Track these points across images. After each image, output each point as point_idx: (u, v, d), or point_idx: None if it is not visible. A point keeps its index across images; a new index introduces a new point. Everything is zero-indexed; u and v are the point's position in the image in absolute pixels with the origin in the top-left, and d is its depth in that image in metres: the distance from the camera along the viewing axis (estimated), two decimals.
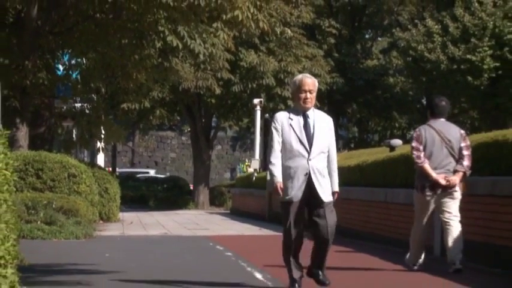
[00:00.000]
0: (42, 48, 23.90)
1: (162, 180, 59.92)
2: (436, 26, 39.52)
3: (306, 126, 9.31)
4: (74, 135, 31.73)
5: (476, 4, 38.56)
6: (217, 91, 41.86)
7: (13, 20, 23.06)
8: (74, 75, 27.68)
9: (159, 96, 40.97)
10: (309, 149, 9.22)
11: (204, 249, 16.89)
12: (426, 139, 11.70)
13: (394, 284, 10.72)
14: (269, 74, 43.86)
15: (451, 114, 52.23)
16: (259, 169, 42.20)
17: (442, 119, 11.99)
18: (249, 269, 12.39)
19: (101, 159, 47.22)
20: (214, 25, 20.93)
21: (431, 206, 11.82)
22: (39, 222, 19.22)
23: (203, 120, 49.30)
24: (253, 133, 45.80)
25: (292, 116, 9.40)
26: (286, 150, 9.29)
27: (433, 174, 11.53)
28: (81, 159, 31.79)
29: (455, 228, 11.77)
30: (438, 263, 13.43)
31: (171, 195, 51.37)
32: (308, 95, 9.34)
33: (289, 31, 34.66)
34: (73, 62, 27.30)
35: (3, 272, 6.21)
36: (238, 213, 37.58)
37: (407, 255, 12.29)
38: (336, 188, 9.43)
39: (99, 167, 32.66)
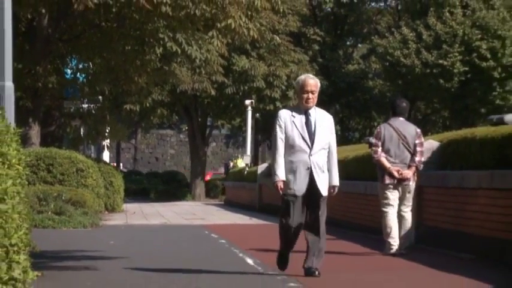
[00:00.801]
0: (52, 54, 23.88)
1: (161, 175, 59.96)
2: (411, 34, 39.59)
3: (308, 123, 9.12)
4: (81, 133, 31.72)
5: (447, 14, 38.64)
6: (212, 93, 41.86)
7: (26, 29, 23.04)
8: (81, 79, 27.69)
9: (159, 97, 40.98)
10: (310, 145, 9.04)
11: (200, 237, 16.89)
12: (385, 136, 12.22)
13: (373, 267, 10.73)
14: (259, 77, 43.92)
15: (424, 113, 52.47)
16: (250, 164, 42.29)
17: (402, 118, 12.49)
18: (240, 255, 12.38)
19: (106, 155, 47.23)
20: (210, 33, 20.89)
21: (393, 194, 12.20)
22: (49, 213, 19.24)
23: (199, 119, 49.33)
24: (245, 131, 45.93)
25: (294, 113, 9.20)
26: (288, 146, 9.10)
27: (388, 166, 12.07)
28: (88, 155, 31.76)
29: (407, 221, 12.35)
30: (412, 249, 13.45)
31: (170, 188, 51.39)
32: (310, 95, 9.13)
33: (277, 38, 34.71)
34: (80, 66, 27.31)
35: (16, 258, 6.20)
36: (231, 204, 37.58)
37: (387, 242, 12.28)
38: (336, 182, 9.22)
39: (105, 163, 32.64)
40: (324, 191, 9.05)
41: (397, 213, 12.27)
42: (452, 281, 9.19)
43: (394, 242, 12.13)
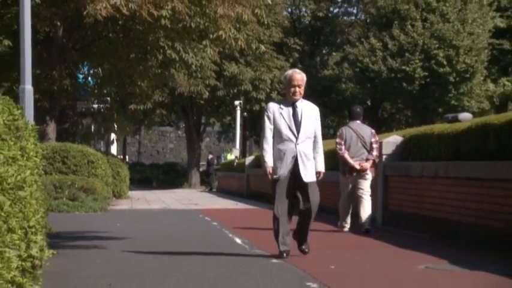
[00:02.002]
0: (66, 61, 23.79)
1: (162, 166, 59.93)
2: (378, 44, 39.60)
3: (295, 115, 8.78)
4: (92, 130, 31.63)
5: (409, 26, 38.66)
6: (206, 95, 41.85)
7: (43, 38, 22.93)
8: (91, 82, 27.63)
9: (160, 99, 40.95)
10: (296, 134, 8.72)
11: (195, 220, 16.89)
12: (346, 136, 12.93)
13: (346, 244, 10.74)
14: (247, 81, 43.97)
15: (389, 112, 52.35)
16: (239, 156, 42.28)
17: (358, 121, 13.19)
18: (230, 235, 12.38)
19: (114, 149, 47.09)
20: (203, 42, 20.82)
21: (350, 185, 12.89)
22: (64, 199, 19.20)
23: (195, 117, 49.30)
24: (234, 128, 45.94)
25: (282, 106, 8.89)
26: (277, 135, 8.77)
27: (351, 161, 12.71)
28: (98, 149, 31.73)
29: (366, 201, 12.86)
30: (379, 230, 13.48)
31: (169, 177, 51.37)
32: (297, 88, 8.85)
33: (262, 47, 34.46)
34: (91, 71, 27.24)
35: (34, 238, 6.18)
36: (222, 191, 37.59)
37: (339, 222, 13.10)
38: (320, 168, 8.96)
39: (113, 155, 32.68)
40: (307, 177, 8.72)
41: (358, 198, 12.89)
42: (413, 257, 9.21)
43: (346, 222, 12.95)
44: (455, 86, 39.28)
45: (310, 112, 8.92)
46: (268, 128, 8.82)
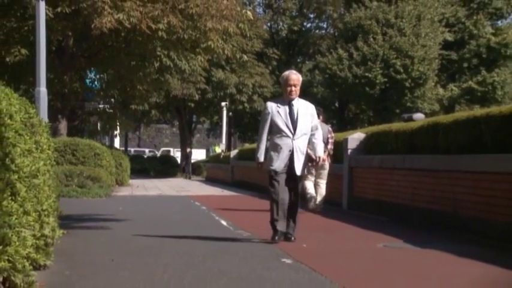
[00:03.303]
0: (76, 67, 23.73)
1: (159, 158, 59.74)
2: (345, 54, 39.67)
3: (291, 113, 8.24)
4: (98, 127, 31.57)
5: (372, 39, 38.75)
6: (196, 97, 41.85)
7: (56, 48, 22.83)
8: (97, 86, 27.55)
9: (157, 100, 40.87)
10: (293, 131, 8.18)
11: (186, 205, 16.86)
12: None
13: (317, 226, 10.76)
14: (232, 85, 44.03)
15: (354, 112, 52.36)
16: (225, 150, 42.29)
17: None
18: (217, 218, 12.37)
19: (117, 143, 46.92)
20: (195, 51, 20.85)
21: (311, 172, 13.02)
22: (74, 186, 19.14)
23: (187, 116, 49.33)
24: (221, 126, 45.91)
25: (279, 104, 8.33)
26: (275, 131, 8.24)
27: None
28: (103, 143, 31.59)
29: (322, 189, 13.27)
30: (345, 214, 13.51)
31: (165, 167, 51.21)
32: (293, 88, 8.34)
33: (245, 56, 34.43)
34: (97, 76, 27.17)
35: (46, 220, 6.15)
36: (210, 180, 37.54)
37: (308, 204, 13.13)
38: (320, 153, 8.46)
39: (116, 148, 32.49)
40: (299, 170, 8.21)
41: (315, 184, 13.24)
42: (373, 237, 9.23)
43: (311, 202, 13.07)
44: (410, 91, 39.43)
45: (305, 110, 8.40)
46: (265, 125, 8.33)
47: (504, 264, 6.67)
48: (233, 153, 32.57)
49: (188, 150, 49.73)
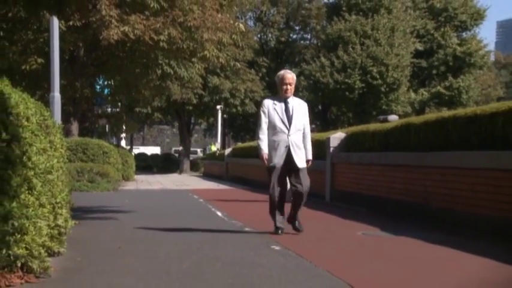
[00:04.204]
0: (86, 74, 23.63)
1: (160, 156, 59.64)
2: (327, 62, 39.73)
3: (287, 110, 7.84)
4: (106, 128, 31.48)
5: (351, 49, 38.83)
6: (194, 101, 41.78)
7: (68, 57, 22.75)
8: (106, 91, 27.48)
9: (159, 104, 40.79)
10: (288, 127, 7.79)
11: (185, 197, 16.84)
12: None
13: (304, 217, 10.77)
14: (226, 90, 43.93)
15: (336, 114, 52.14)
16: (220, 148, 42.24)
17: None
18: (213, 209, 12.36)
19: (123, 142, 46.86)
20: (193, 60, 20.78)
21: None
22: (84, 181, 19.10)
23: (186, 118, 49.19)
24: (216, 127, 45.90)
25: (275, 102, 7.93)
26: (271, 127, 7.85)
27: None
28: (111, 143, 31.54)
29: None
30: (328, 205, 13.51)
31: (166, 164, 51.11)
32: (288, 86, 7.87)
33: (238, 64, 34.54)
34: (105, 83, 27.09)
35: (60, 211, 6.13)
36: (207, 176, 37.51)
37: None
38: (310, 157, 7.97)
39: (122, 147, 32.41)
40: (300, 163, 7.84)
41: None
42: (353, 226, 9.24)
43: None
44: (385, 95, 39.53)
45: (299, 107, 7.98)
46: (264, 121, 7.92)
47: (469, 249, 6.69)
48: (227, 151, 32.55)
49: (180, 148, 49.65)
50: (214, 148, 46.07)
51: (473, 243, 7.28)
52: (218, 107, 43.89)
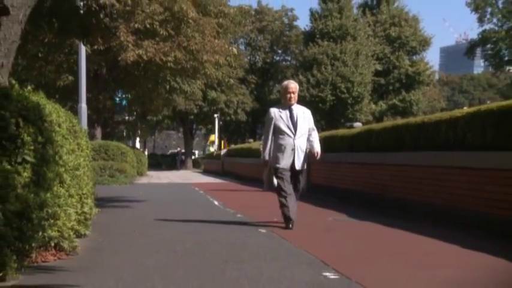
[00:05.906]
0: (108, 89, 23.57)
1: (168, 155, 59.53)
2: (304, 79, 39.75)
3: (291, 116, 7.07)
4: (124, 133, 31.35)
5: (323, 68, 38.87)
6: (196, 111, 41.75)
7: (93, 75, 22.67)
8: (124, 102, 27.40)
9: (166, 113, 40.71)
10: (294, 132, 7.04)
11: (189, 190, 16.80)
12: None
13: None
14: (221, 102, 43.89)
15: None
16: (217, 149, 42.20)
17: None
18: (211, 199, 12.33)
19: (138, 145, 46.64)
20: (197, 76, 20.78)
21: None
22: (106, 176, 19.03)
23: (189, 125, 49.11)
24: (214, 132, 45.83)
25: (281, 110, 7.12)
26: (278, 133, 7.07)
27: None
28: (128, 145, 31.43)
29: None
30: (305, 196, 13.49)
31: (173, 162, 50.97)
32: (292, 95, 7.11)
33: (231, 80, 34.49)
34: (123, 95, 27.02)
35: (86, 201, 6.09)
36: (207, 172, 37.42)
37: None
38: (318, 149, 7.23)
39: (137, 149, 32.28)
40: (299, 166, 7.11)
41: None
42: (325, 213, 9.24)
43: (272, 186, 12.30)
44: (351, 106, 39.59)
45: (303, 114, 7.21)
46: (270, 128, 7.14)
47: (416, 230, 6.71)
48: (223, 151, 32.52)
49: (178, 149, 49.55)
50: (212, 149, 46.04)
51: (420, 225, 7.30)
52: (215, 115, 43.87)
